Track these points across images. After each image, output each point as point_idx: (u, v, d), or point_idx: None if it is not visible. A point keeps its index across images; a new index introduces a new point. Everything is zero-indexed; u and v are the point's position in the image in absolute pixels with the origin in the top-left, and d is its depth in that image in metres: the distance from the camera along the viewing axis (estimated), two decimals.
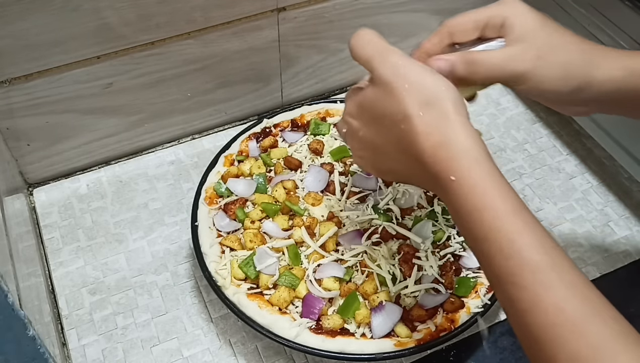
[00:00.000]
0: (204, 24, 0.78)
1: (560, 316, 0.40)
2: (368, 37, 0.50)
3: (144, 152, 0.88)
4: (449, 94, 0.47)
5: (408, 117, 0.46)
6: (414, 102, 0.46)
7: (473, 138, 0.46)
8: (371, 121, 0.51)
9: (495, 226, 0.43)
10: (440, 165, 0.46)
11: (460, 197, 0.45)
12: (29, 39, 0.69)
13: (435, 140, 0.46)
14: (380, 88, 0.48)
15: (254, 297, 0.66)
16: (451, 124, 0.46)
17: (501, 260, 0.42)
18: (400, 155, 0.49)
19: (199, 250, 0.69)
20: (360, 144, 0.53)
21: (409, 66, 0.48)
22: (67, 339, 0.69)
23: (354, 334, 0.64)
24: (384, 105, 0.48)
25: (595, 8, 0.75)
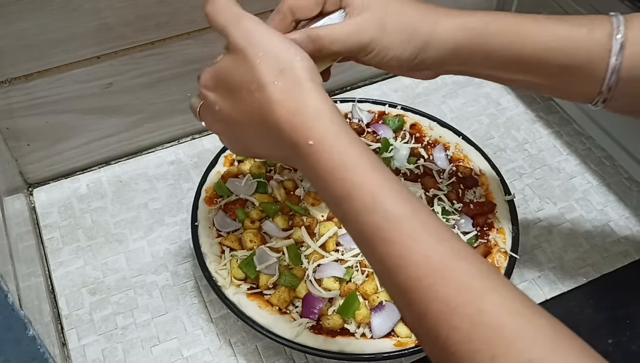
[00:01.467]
0: (204, 24, 0.77)
1: (429, 265, 0.40)
2: (222, 2, 0.49)
3: (144, 152, 0.88)
4: (303, 62, 0.46)
5: (263, 85, 0.45)
6: (269, 70, 0.45)
7: (327, 103, 0.46)
8: (227, 93, 0.49)
9: (357, 182, 0.43)
10: (298, 132, 0.45)
11: (320, 159, 0.44)
12: (29, 39, 0.69)
13: (290, 107, 0.45)
14: (235, 56, 0.47)
15: (254, 297, 0.66)
16: (305, 91, 0.45)
17: (366, 216, 0.42)
18: (258, 128, 0.48)
19: (199, 250, 0.69)
20: (217, 118, 0.51)
21: (263, 33, 0.47)
22: (67, 339, 0.69)
23: (354, 334, 0.64)
24: (239, 73, 0.47)
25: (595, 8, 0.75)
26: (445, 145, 0.82)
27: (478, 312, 0.37)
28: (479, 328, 0.37)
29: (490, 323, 0.37)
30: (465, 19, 0.54)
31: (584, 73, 0.52)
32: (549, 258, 0.76)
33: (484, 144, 0.87)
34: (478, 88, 0.97)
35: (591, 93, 0.53)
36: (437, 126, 0.84)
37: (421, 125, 0.84)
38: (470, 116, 0.92)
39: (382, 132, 0.82)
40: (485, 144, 0.87)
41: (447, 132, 0.83)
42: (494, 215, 0.74)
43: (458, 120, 0.91)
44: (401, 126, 0.84)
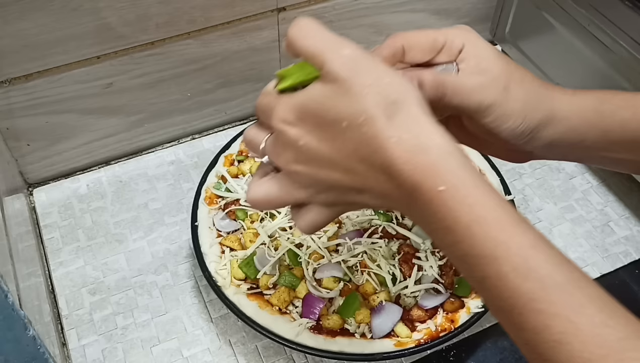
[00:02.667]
0: (204, 24, 0.78)
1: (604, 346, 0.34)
2: (314, 27, 0.42)
3: (144, 152, 0.88)
4: (416, 93, 0.40)
5: (371, 118, 0.38)
6: (378, 102, 0.38)
7: (450, 141, 0.39)
8: (318, 127, 0.41)
9: (503, 240, 0.37)
10: (421, 173, 0.38)
11: (453, 209, 0.37)
12: (29, 39, 0.69)
13: (410, 145, 0.38)
14: (333, 86, 0.39)
15: (254, 297, 0.66)
16: (424, 127, 0.39)
17: (517, 281, 0.36)
18: (357, 165, 0.40)
19: (199, 250, 0.69)
20: (299, 155, 0.42)
21: (367, 61, 0.40)
22: (67, 339, 0.69)
23: (354, 334, 0.64)
24: (338, 106, 0.39)
25: (595, 8, 0.75)
26: None
27: None
28: None
29: None
30: (580, 96, 0.50)
31: None
32: None
33: None
34: None
35: None
36: None
37: None
38: None
39: None
40: None
41: None
42: None
43: None
44: None
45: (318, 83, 0.41)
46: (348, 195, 0.43)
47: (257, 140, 0.45)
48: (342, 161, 0.41)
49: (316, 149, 0.41)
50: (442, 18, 0.95)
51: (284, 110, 0.42)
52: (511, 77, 0.48)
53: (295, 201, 0.45)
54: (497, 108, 0.47)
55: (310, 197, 0.44)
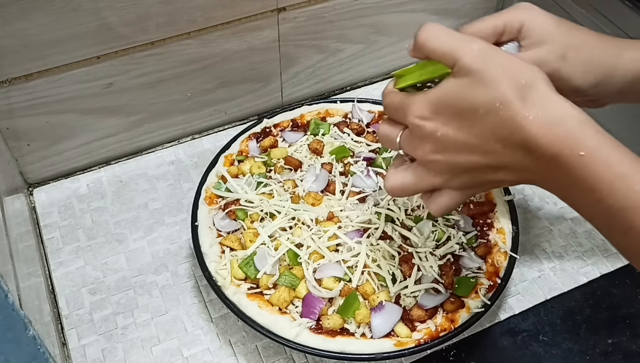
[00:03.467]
0: (204, 24, 0.78)
1: None
2: (441, 29, 0.47)
3: (144, 152, 0.88)
4: (542, 74, 0.46)
5: (508, 102, 0.44)
6: (512, 86, 0.44)
7: (581, 111, 0.44)
8: (455, 117, 0.47)
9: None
10: (560, 143, 0.43)
11: (595, 171, 0.42)
12: (29, 39, 0.69)
13: (546, 120, 0.43)
14: (468, 78, 0.45)
15: (254, 297, 0.66)
16: (558, 102, 0.44)
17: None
18: (494, 145, 0.46)
19: (199, 250, 0.69)
20: (438, 145, 0.48)
21: (494, 52, 0.46)
22: (67, 339, 0.69)
23: (354, 334, 0.64)
24: (474, 95, 0.45)
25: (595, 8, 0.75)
26: None
27: None
28: None
29: None
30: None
31: None
32: (549, 258, 0.76)
33: None
34: None
35: None
36: None
37: None
38: None
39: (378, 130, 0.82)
40: None
41: None
42: (494, 215, 0.74)
43: None
44: None
45: (452, 78, 0.46)
46: (485, 174, 0.49)
47: (392, 135, 0.51)
48: (481, 144, 0.46)
49: (454, 137, 0.47)
50: (442, 18, 0.95)
51: (419, 108, 0.48)
52: (570, 44, 0.52)
53: (431, 187, 0.51)
54: (558, 77, 0.51)
55: (445, 182, 0.50)
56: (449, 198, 0.51)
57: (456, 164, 0.48)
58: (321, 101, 0.86)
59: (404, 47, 0.96)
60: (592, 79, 0.53)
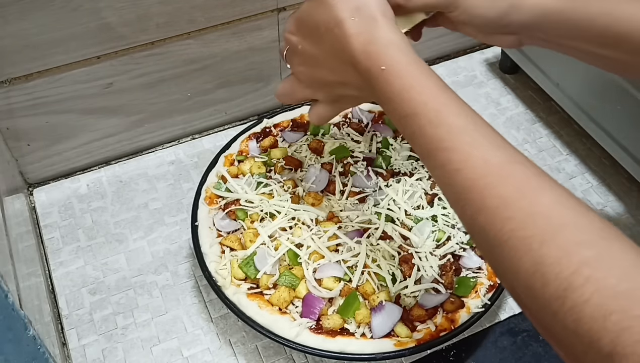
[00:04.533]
0: (204, 24, 0.78)
1: (488, 167, 0.43)
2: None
3: (144, 152, 0.88)
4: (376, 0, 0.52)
5: (340, 21, 0.51)
6: (345, 8, 0.51)
7: (398, 34, 0.51)
8: (308, 33, 0.55)
9: (423, 101, 0.47)
10: (371, 60, 0.50)
11: (391, 82, 0.49)
12: (29, 39, 0.69)
13: (365, 39, 0.50)
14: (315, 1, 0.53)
15: (254, 297, 0.66)
16: (379, 24, 0.51)
17: (431, 129, 0.46)
18: (334, 61, 0.53)
19: (199, 250, 0.69)
20: (300, 58, 0.57)
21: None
22: (67, 339, 0.69)
23: (354, 334, 0.64)
24: (318, 14, 0.53)
25: None
26: None
27: (532, 204, 0.40)
28: (533, 217, 0.39)
29: (543, 213, 0.39)
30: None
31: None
32: None
33: None
34: (478, 88, 0.97)
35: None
36: None
37: None
38: None
39: (382, 132, 0.82)
40: None
41: None
42: None
43: None
44: None
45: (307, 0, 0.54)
46: (338, 89, 0.57)
47: (282, 49, 0.59)
48: (326, 60, 0.54)
49: (309, 52, 0.56)
50: None
51: (289, 23, 0.58)
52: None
53: (305, 97, 0.61)
54: (462, 1, 0.56)
55: (314, 93, 0.60)
56: (322, 109, 0.60)
57: (315, 76, 0.57)
58: None
59: None
60: (497, 8, 0.56)
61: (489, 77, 0.99)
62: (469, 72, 1.00)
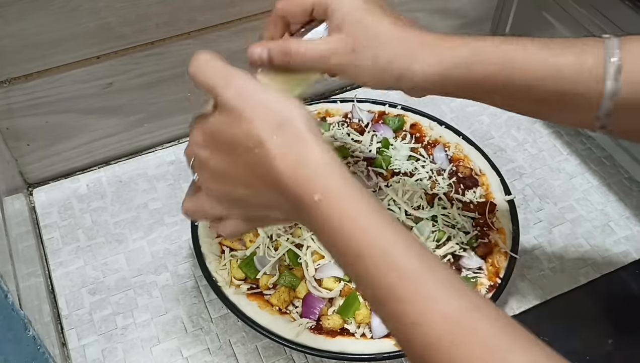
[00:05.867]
0: (204, 24, 0.78)
1: (448, 322, 0.38)
2: (208, 60, 0.47)
3: (144, 152, 0.88)
4: (299, 112, 0.44)
5: (261, 141, 0.43)
6: (266, 126, 0.43)
7: (329, 153, 0.43)
8: (221, 150, 0.46)
9: (368, 240, 0.41)
10: (302, 186, 0.42)
11: (327, 215, 0.42)
12: (28, 39, 0.69)
13: (292, 160, 0.43)
14: (227, 115, 0.45)
15: (254, 297, 0.66)
16: (308, 143, 0.43)
17: (379, 275, 0.40)
18: (256, 183, 0.45)
19: (199, 250, 0.69)
20: (211, 174, 0.48)
21: (255, 89, 0.45)
22: (67, 339, 0.69)
23: (354, 334, 0.64)
24: (233, 132, 0.45)
25: (595, 8, 0.75)
26: (445, 145, 0.82)
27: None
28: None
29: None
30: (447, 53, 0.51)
31: (577, 99, 0.50)
32: (549, 258, 0.76)
33: (484, 143, 0.87)
34: None
35: (587, 119, 0.51)
36: (437, 126, 0.84)
37: (421, 125, 0.84)
38: (470, 116, 0.92)
39: (382, 132, 0.82)
40: (485, 143, 0.87)
41: (447, 132, 0.83)
42: (494, 215, 0.74)
43: (458, 120, 0.91)
44: (401, 126, 0.84)
45: (217, 112, 0.46)
46: (258, 210, 0.48)
47: (189, 157, 0.50)
48: (245, 180, 0.46)
49: (223, 169, 0.47)
50: (441, 18, 0.95)
51: (197, 135, 0.48)
52: (365, 37, 0.51)
53: (216, 215, 0.51)
54: (346, 70, 0.52)
55: (227, 210, 0.50)
56: (234, 226, 0.51)
57: (229, 194, 0.48)
58: (321, 101, 0.86)
59: None
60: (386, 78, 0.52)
61: None
62: None
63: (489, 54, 0.51)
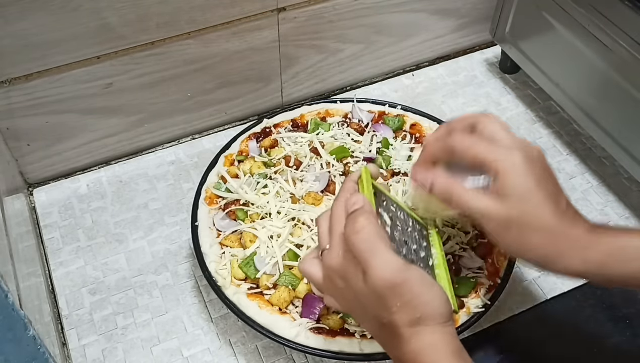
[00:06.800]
0: (204, 24, 0.78)
1: None
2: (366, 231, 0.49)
3: (144, 152, 0.88)
4: (440, 309, 0.49)
5: (396, 326, 0.48)
6: (404, 319, 0.48)
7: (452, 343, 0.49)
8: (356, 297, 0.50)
9: None
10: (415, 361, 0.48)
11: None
12: (29, 39, 0.69)
13: (417, 347, 0.48)
14: (372, 293, 0.48)
15: (254, 297, 0.66)
16: (436, 334, 0.48)
17: None
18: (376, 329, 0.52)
19: (199, 250, 0.69)
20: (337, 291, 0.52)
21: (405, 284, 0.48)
22: (67, 339, 0.69)
23: (354, 334, 0.64)
24: (372, 305, 0.49)
25: (595, 8, 0.75)
26: None
27: None
28: None
29: None
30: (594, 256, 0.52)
31: None
32: None
33: None
34: (478, 88, 0.97)
35: None
36: (437, 126, 0.84)
37: (421, 125, 0.84)
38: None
39: (382, 132, 0.82)
40: None
41: None
42: None
43: None
44: (401, 126, 0.84)
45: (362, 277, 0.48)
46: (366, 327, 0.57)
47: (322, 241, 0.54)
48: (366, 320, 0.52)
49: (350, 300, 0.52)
50: (442, 18, 0.95)
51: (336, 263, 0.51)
52: (520, 222, 0.52)
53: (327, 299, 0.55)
54: (491, 237, 0.54)
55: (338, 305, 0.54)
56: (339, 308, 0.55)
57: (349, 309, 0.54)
58: (321, 101, 0.86)
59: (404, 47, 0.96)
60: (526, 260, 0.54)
61: (489, 77, 0.99)
62: (469, 72, 1.00)
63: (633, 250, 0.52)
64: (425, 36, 0.97)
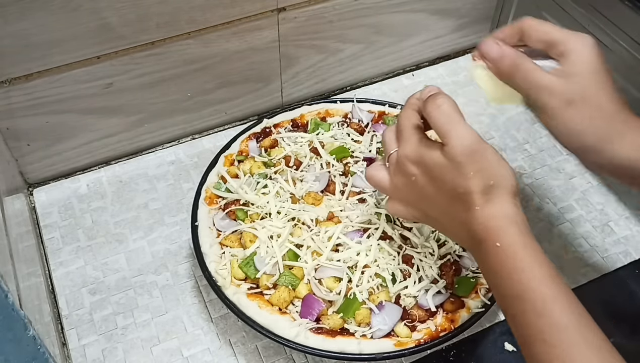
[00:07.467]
0: (204, 24, 0.78)
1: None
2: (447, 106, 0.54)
3: (144, 152, 0.88)
4: (510, 180, 0.53)
5: (470, 193, 0.52)
6: (479, 184, 0.52)
7: (520, 214, 0.52)
8: (431, 177, 0.55)
9: (531, 287, 0.48)
10: (489, 234, 0.51)
11: (502, 259, 0.50)
12: (29, 39, 0.69)
13: (489, 213, 0.52)
14: (450, 162, 0.53)
15: (254, 297, 0.66)
16: (507, 203, 0.52)
17: (533, 317, 0.47)
18: (447, 210, 0.55)
19: (199, 250, 0.69)
20: (408, 185, 0.57)
21: (481, 150, 0.53)
22: (67, 339, 0.69)
23: (354, 334, 0.64)
24: (449, 175, 0.53)
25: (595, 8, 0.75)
26: None
27: None
28: None
29: None
30: None
31: None
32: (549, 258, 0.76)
33: None
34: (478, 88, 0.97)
35: None
36: None
37: None
38: (470, 116, 0.91)
39: (382, 132, 0.82)
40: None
41: None
42: None
43: None
44: None
45: (440, 152, 0.53)
46: (431, 222, 0.60)
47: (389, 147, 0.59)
48: (439, 206, 0.56)
49: (425, 191, 0.56)
50: (442, 18, 0.95)
51: (411, 150, 0.56)
52: (584, 98, 0.53)
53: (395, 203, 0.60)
54: (551, 114, 0.55)
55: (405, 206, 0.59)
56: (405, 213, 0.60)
57: (417, 206, 0.58)
58: (321, 101, 0.86)
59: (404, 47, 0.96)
60: (579, 144, 0.55)
61: None
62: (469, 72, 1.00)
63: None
64: (425, 36, 0.97)
